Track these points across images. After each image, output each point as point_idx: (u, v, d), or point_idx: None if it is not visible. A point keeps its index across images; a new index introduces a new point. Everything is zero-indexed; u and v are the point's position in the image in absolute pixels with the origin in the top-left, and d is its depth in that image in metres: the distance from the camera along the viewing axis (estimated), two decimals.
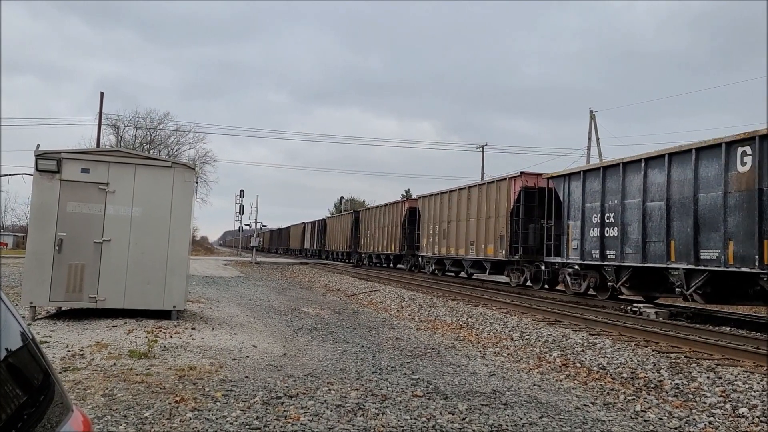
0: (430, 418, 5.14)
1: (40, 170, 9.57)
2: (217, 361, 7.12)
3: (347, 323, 11.40)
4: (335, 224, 47.97)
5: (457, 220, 23.79)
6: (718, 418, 5.73)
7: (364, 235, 38.57)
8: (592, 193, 15.65)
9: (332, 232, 48.12)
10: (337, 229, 46.63)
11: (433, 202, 26.81)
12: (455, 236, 23.82)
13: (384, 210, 34.86)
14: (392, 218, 32.84)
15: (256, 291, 18.16)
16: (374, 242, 35.93)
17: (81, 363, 6.61)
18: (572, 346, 9.23)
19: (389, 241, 33.08)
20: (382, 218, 34.77)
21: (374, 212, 37.05)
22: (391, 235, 32.79)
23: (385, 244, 33.91)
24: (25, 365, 1.64)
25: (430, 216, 26.89)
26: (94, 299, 9.73)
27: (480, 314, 12.95)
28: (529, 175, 19.80)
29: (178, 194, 10.18)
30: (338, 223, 46.77)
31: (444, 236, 24.99)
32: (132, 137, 55.28)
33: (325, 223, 51.71)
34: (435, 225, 26.16)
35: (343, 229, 44.17)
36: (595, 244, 15.26)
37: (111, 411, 4.89)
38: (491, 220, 20.99)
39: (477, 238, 21.89)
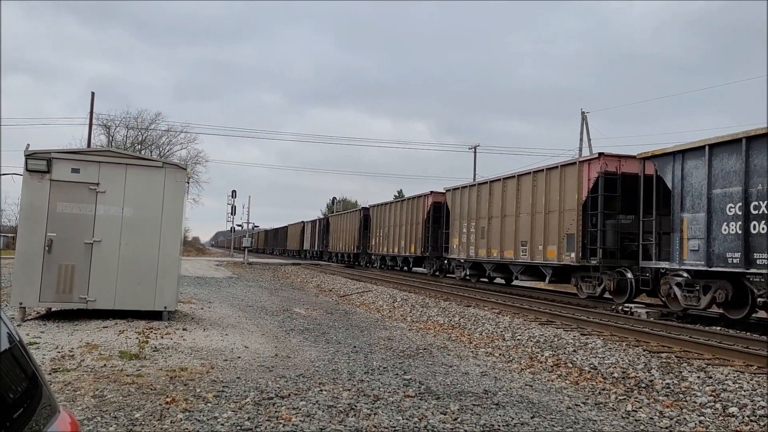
0: (422, 418, 5.14)
1: (29, 170, 9.50)
2: (208, 361, 7.09)
3: (339, 324, 11.39)
4: (340, 223, 43.83)
5: (502, 215, 19.98)
6: (708, 418, 5.76)
7: (375, 235, 34.34)
8: (725, 174, 11.69)
9: (336, 231, 44.24)
10: (342, 229, 42.57)
11: (465, 195, 22.92)
12: (499, 236, 20.03)
13: (401, 206, 30.74)
14: (412, 215, 28.83)
15: (248, 292, 18.11)
16: (388, 243, 32.07)
17: (71, 364, 6.57)
18: (564, 346, 9.25)
19: (408, 241, 29.13)
20: (398, 215, 30.85)
21: (388, 209, 32.68)
22: (411, 235, 28.84)
23: (402, 245, 29.99)
24: (12, 367, 1.63)
25: (462, 211, 23.05)
26: (84, 300, 9.67)
27: (472, 314, 12.97)
28: (610, 158, 15.72)
29: (169, 195, 10.13)
30: (343, 222, 42.61)
31: (483, 235, 21.26)
32: (123, 137, 55.04)
33: (328, 222, 47.83)
34: (470, 222, 22.34)
35: (350, 228, 40.28)
36: (733, 244, 11.36)
37: (101, 412, 4.86)
38: (553, 215, 17.19)
39: (531, 238, 18.16)
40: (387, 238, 32.33)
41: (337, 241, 43.69)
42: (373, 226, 35.04)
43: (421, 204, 28.00)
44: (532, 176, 18.45)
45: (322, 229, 48.93)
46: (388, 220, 32.46)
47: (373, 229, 35.09)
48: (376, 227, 34.32)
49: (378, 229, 34.04)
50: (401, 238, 30.18)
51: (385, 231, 32.83)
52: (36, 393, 1.65)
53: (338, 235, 43.55)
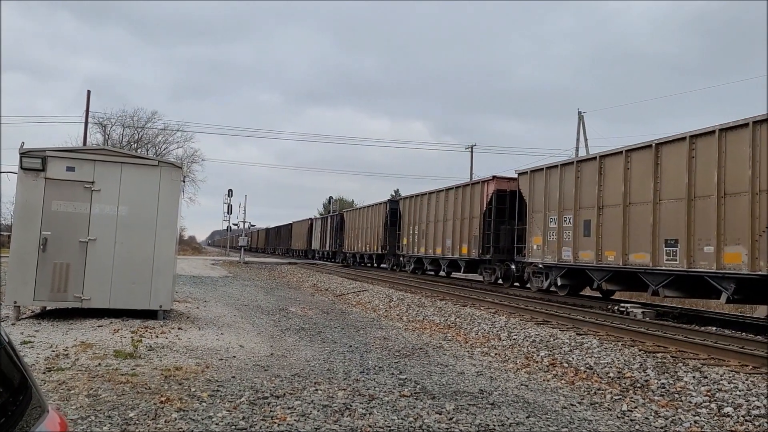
0: (418, 418, 5.13)
1: (24, 168, 9.46)
2: (203, 361, 7.07)
3: (335, 323, 11.37)
4: (359, 219, 37.75)
5: (627, 203, 14.27)
6: (703, 417, 5.76)
7: (408, 232, 28.51)
8: None
9: (354, 228, 38.36)
10: (361, 225, 36.75)
11: (556, 177, 16.75)
12: (622, 231, 14.20)
13: (447, 196, 24.56)
14: (463, 207, 22.78)
15: (244, 291, 18.08)
16: (426, 242, 26.21)
17: (65, 363, 6.54)
18: (559, 346, 9.26)
19: (457, 240, 23.15)
20: (441, 208, 24.87)
21: (427, 200, 26.59)
22: (461, 232, 22.86)
23: (448, 245, 23.98)
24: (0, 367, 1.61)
25: (548, 201, 17.11)
26: (79, 299, 9.63)
27: (468, 314, 12.97)
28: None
29: (165, 193, 10.10)
30: (363, 218, 36.65)
31: (588, 232, 15.15)
32: (119, 136, 54.86)
33: (343, 219, 42.19)
34: (566, 212, 16.28)
35: (372, 224, 34.52)
36: None
37: (95, 411, 4.83)
38: None
39: (696, 234, 12.39)
40: (424, 236, 26.46)
41: (355, 240, 38.07)
42: (405, 221, 29.00)
43: (477, 193, 21.86)
44: None
45: (336, 226, 43.45)
46: (425, 214, 26.51)
47: (404, 226, 29.08)
48: (409, 223, 28.34)
49: (411, 226, 28.05)
50: (446, 236, 24.15)
51: (421, 227, 26.91)
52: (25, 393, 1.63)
53: (356, 233, 37.80)
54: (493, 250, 20.88)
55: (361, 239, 36.80)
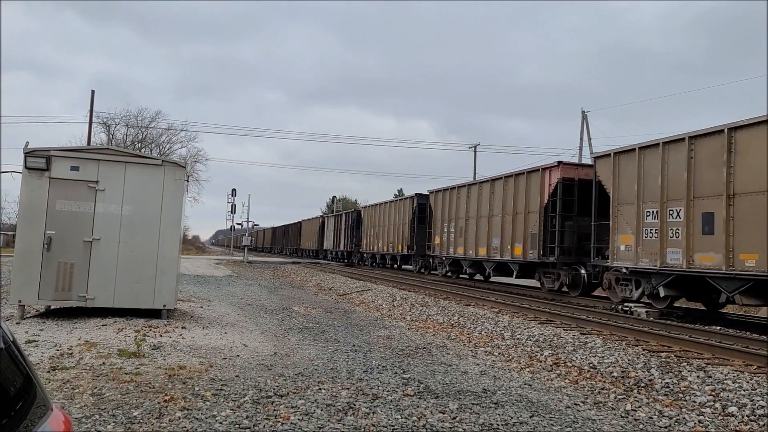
0: (421, 417, 5.13)
1: (29, 168, 9.49)
2: (207, 360, 7.08)
3: (338, 322, 11.38)
4: (379, 216, 34.23)
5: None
6: (707, 417, 5.75)
7: (440, 230, 24.83)
8: None
9: (373, 227, 35.03)
10: (382, 223, 33.45)
11: (670, 154, 13.05)
12: None
13: (492, 188, 20.77)
14: (516, 200, 19.11)
15: (248, 290, 18.11)
16: (465, 241, 22.41)
17: (70, 362, 6.56)
18: (563, 346, 9.24)
19: (508, 238, 19.37)
20: (484, 202, 21.17)
21: (465, 194, 22.80)
22: (513, 229, 19.10)
23: (495, 245, 20.18)
24: (6, 366, 1.61)
25: (643, 189, 13.67)
26: (83, 298, 9.66)
27: (472, 313, 12.96)
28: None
29: (168, 193, 10.12)
30: (384, 214, 33.27)
31: (720, 227, 11.64)
32: (123, 135, 55.05)
33: (360, 216, 38.81)
34: (673, 204, 12.87)
35: (396, 221, 31.25)
36: None
37: (99, 410, 4.85)
38: None
39: None
40: (463, 234, 22.66)
41: (375, 239, 34.75)
42: (436, 218, 25.27)
43: (536, 182, 18.13)
44: None
45: (352, 224, 40.11)
46: (464, 209, 22.72)
47: (436, 223, 25.36)
48: (442, 220, 24.62)
49: (445, 223, 24.31)
50: (493, 234, 20.49)
51: (458, 225, 23.13)
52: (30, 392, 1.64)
53: (376, 232, 34.53)
54: (559, 251, 16.93)
55: (382, 238, 33.42)
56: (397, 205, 31.54)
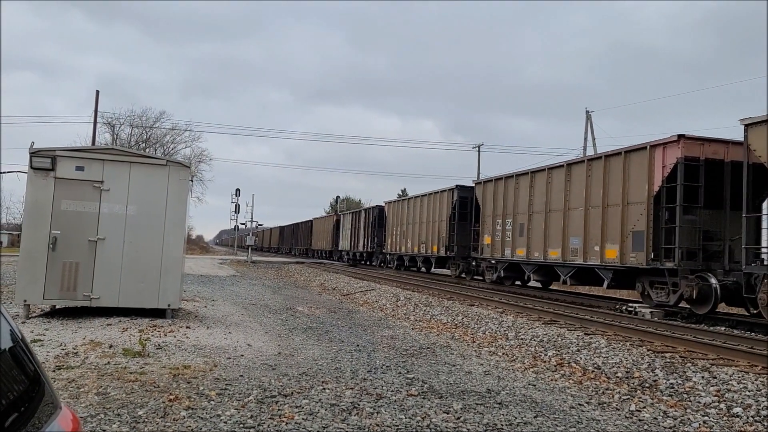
0: (425, 417, 5.14)
1: (34, 168, 9.53)
2: (211, 359, 7.10)
3: (342, 322, 11.39)
4: (408, 212, 29.75)
5: None
6: (712, 418, 5.74)
7: (491, 229, 20.57)
8: None
9: (400, 224, 30.73)
10: (411, 220, 29.08)
11: None
12: None
13: (570, 176, 16.54)
14: (606, 189, 14.94)
15: (252, 290, 18.13)
16: (531, 241, 18.11)
17: (75, 361, 6.59)
18: (567, 346, 9.23)
19: (600, 237, 14.94)
20: (558, 192, 16.90)
21: (528, 184, 18.54)
22: (610, 226, 14.74)
23: (575, 246, 15.96)
24: (15, 364, 1.63)
25: None
26: (88, 297, 9.69)
27: (475, 314, 12.96)
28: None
29: (173, 193, 10.15)
30: (415, 211, 28.69)
31: None
32: (128, 135, 55.18)
33: (383, 213, 34.38)
34: None
35: (429, 218, 26.87)
36: None
37: (104, 409, 4.87)
38: None
39: None
40: (524, 232, 18.48)
41: (402, 239, 30.36)
42: (486, 213, 21.15)
43: (641, 164, 13.94)
44: None
45: (373, 221, 35.93)
46: (523, 201, 18.74)
47: (483, 220, 21.28)
48: (493, 215, 20.50)
49: (496, 219, 20.24)
50: (571, 231, 16.25)
51: (518, 221, 18.99)
52: (38, 390, 1.65)
53: (404, 230, 30.12)
54: (680, 254, 12.72)
55: (411, 238, 29.08)
56: (432, 199, 26.77)
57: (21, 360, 1.65)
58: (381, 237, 34.51)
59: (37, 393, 1.64)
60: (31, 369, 1.67)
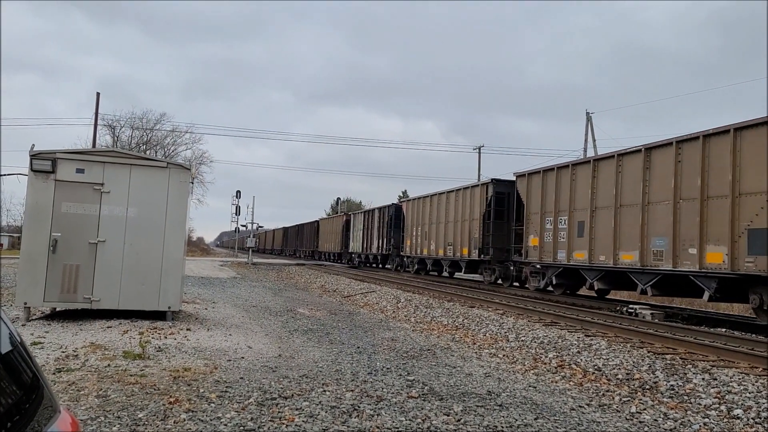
0: (426, 419, 5.13)
1: (34, 170, 9.54)
2: (212, 362, 7.10)
3: (343, 324, 11.39)
4: (429, 211, 26.82)
5: None
6: (713, 420, 5.73)
7: (538, 228, 17.70)
8: None
9: (421, 224, 27.69)
10: (435, 219, 26.05)
11: None
12: None
13: (649, 162, 13.96)
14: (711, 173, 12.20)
15: (252, 292, 18.13)
16: (595, 243, 15.39)
17: (75, 364, 6.59)
18: (568, 348, 9.23)
19: (709, 235, 12.13)
20: (634, 183, 14.32)
21: (583, 175, 16.11)
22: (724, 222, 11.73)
23: (660, 246, 13.32)
24: (13, 368, 1.63)
25: None
26: (88, 300, 9.69)
27: (476, 315, 12.95)
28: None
29: (173, 195, 10.15)
30: (440, 209, 25.61)
31: None
32: (128, 138, 55.25)
33: (400, 211, 31.78)
34: None
35: (457, 217, 23.85)
36: None
37: (105, 412, 4.87)
38: None
39: None
40: (586, 231, 15.58)
41: (424, 240, 27.39)
42: (530, 211, 18.30)
43: (752, 145, 11.31)
44: None
45: (389, 222, 33.02)
46: (583, 196, 15.79)
47: (529, 217, 18.40)
48: (542, 212, 17.45)
49: (545, 217, 17.27)
50: (654, 231, 13.65)
51: (575, 218, 16.07)
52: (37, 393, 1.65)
53: (425, 231, 27.27)
54: None
55: (435, 239, 26.11)
56: (461, 195, 23.76)
57: (20, 364, 1.65)
58: (398, 238, 31.71)
59: (36, 397, 1.64)
60: (29, 373, 1.67)
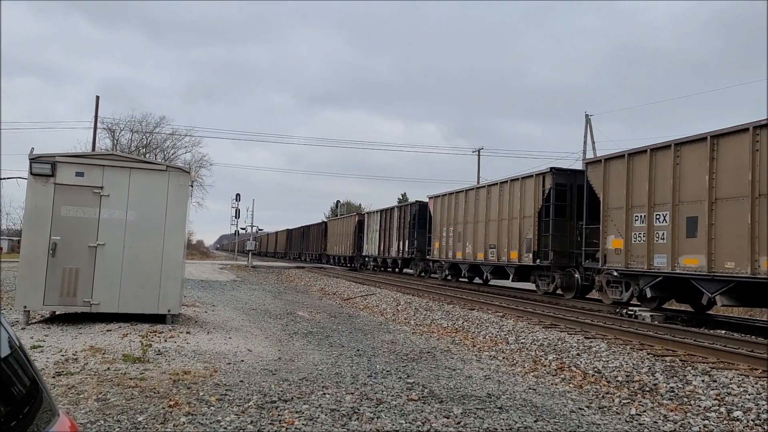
0: (425, 422, 5.13)
1: (34, 174, 9.54)
2: (211, 365, 7.09)
3: (343, 327, 11.38)
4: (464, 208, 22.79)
5: None
6: (712, 422, 5.73)
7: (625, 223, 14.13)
8: None
9: (453, 224, 23.66)
10: (468, 218, 22.39)
11: None
12: None
13: None
14: None
15: (252, 295, 18.12)
16: (718, 244, 11.56)
17: (75, 367, 6.58)
18: (568, 350, 9.23)
19: None
20: None
21: (679, 157, 12.70)
22: None
23: None
24: (12, 371, 1.63)
25: None
26: (88, 303, 9.69)
27: (476, 318, 12.95)
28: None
29: (173, 198, 10.15)
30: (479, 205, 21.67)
31: None
32: (128, 141, 55.26)
33: (424, 210, 27.97)
34: None
35: (503, 215, 19.97)
36: None
37: (104, 416, 4.86)
38: None
39: None
40: (694, 229, 12.25)
41: (457, 242, 23.26)
42: (609, 205, 14.83)
43: None
44: None
45: (411, 222, 29.37)
46: (692, 184, 12.42)
47: (607, 213, 14.90)
48: (628, 207, 14.14)
49: (632, 212, 14.03)
50: None
51: (681, 214, 12.62)
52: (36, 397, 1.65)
53: (458, 231, 23.15)
54: None
55: (472, 240, 21.97)
56: (508, 189, 19.89)
57: (19, 367, 1.65)
58: (423, 240, 27.85)
59: (35, 400, 1.64)
60: (29, 376, 1.67)
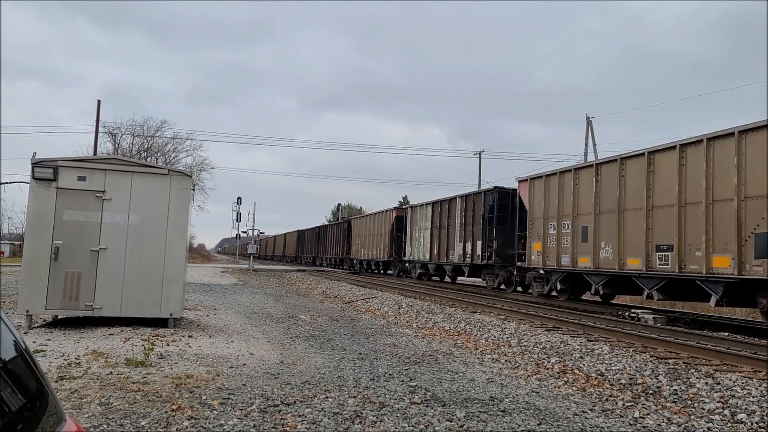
0: (428, 425, 5.12)
1: (36, 178, 9.55)
2: (214, 368, 7.09)
3: (345, 330, 11.37)
4: (585, 192, 15.50)
5: None
6: (716, 424, 5.72)
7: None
8: None
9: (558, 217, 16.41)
10: (618, 206, 14.34)
11: None
12: None
13: None
14: None
15: (254, 298, 18.11)
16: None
17: (77, 372, 6.58)
18: (570, 353, 9.21)
19: None
20: None
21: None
22: None
23: None
24: (19, 375, 1.63)
25: None
26: (90, 307, 9.69)
27: (478, 321, 12.93)
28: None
29: (174, 202, 10.16)
30: (633, 187, 14.05)
31: None
32: (129, 145, 55.33)
33: (504, 198, 21.45)
34: None
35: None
36: None
37: (107, 420, 4.86)
38: None
39: None
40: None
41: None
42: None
43: None
44: None
45: (485, 216, 22.08)
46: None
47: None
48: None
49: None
50: None
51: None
52: (42, 401, 1.65)
53: (584, 227, 15.64)
54: None
55: (621, 239, 14.44)
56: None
57: (25, 371, 1.65)
58: (506, 239, 20.84)
59: (41, 404, 1.64)
60: (35, 380, 1.67)
